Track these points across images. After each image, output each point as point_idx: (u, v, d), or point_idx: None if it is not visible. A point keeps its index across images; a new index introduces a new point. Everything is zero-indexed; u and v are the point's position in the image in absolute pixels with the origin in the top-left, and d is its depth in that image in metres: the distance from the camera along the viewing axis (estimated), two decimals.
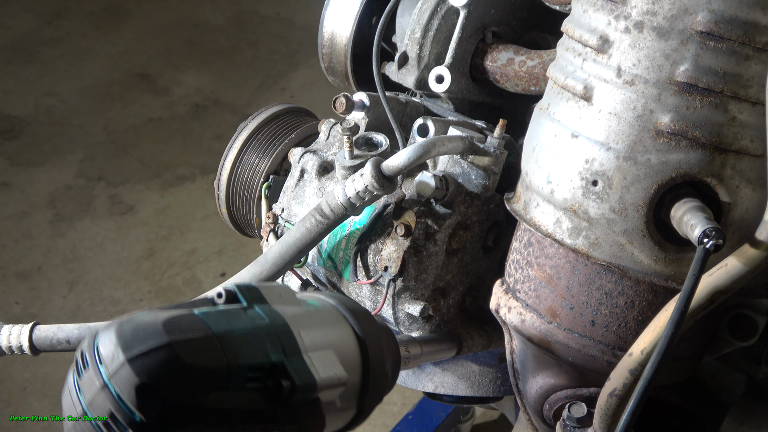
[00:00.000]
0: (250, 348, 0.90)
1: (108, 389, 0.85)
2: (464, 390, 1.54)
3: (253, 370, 0.89)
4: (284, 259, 1.32)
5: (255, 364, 0.89)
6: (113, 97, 4.16)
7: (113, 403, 0.85)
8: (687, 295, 0.99)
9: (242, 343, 0.90)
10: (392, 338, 1.10)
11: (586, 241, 1.13)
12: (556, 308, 1.19)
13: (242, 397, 0.88)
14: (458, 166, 1.34)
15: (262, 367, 0.90)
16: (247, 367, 0.88)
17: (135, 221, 3.48)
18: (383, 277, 1.33)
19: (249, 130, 1.57)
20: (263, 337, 0.92)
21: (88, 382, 0.87)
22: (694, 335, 1.19)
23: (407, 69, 1.48)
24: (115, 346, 0.86)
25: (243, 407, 0.88)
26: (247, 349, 0.90)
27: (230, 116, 4.00)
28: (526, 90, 1.44)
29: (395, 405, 2.81)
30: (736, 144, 1.07)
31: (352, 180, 1.28)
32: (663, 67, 1.07)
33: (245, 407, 0.88)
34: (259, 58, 4.44)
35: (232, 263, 3.25)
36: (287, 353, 0.92)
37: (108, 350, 0.86)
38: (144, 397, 0.84)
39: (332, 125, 1.50)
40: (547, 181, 1.16)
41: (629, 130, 1.09)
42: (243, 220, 1.61)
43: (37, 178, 3.68)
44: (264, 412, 0.90)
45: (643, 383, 0.99)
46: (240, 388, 0.88)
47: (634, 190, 1.09)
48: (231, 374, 0.87)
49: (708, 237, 0.99)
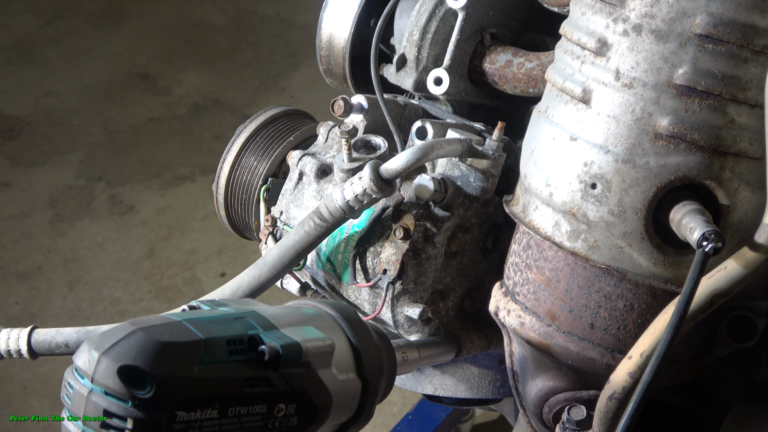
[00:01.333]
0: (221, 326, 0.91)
1: (94, 392, 0.86)
2: (463, 392, 1.54)
3: (231, 343, 0.89)
4: (283, 262, 1.32)
5: (231, 337, 0.90)
6: (113, 97, 4.15)
7: (104, 401, 0.85)
8: (686, 298, 0.99)
9: (212, 323, 0.91)
10: (386, 341, 1.09)
11: (585, 244, 1.13)
12: (555, 311, 1.19)
13: (230, 368, 0.88)
14: (457, 169, 1.34)
15: (241, 340, 0.90)
16: (225, 340, 0.89)
17: (135, 221, 3.48)
18: (382, 280, 1.33)
19: (247, 132, 1.57)
20: (233, 321, 0.93)
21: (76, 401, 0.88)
22: (693, 337, 1.19)
23: (405, 71, 1.48)
24: (88, 352, 0.87)
25: (233, 375, 0.88)
26: (219, 326, 0.91)
27: (230, 116, 4.00)
28: (525, 92, 1.44)
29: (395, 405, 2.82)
30: (735, 147, 1.07)
31: (350, 183, 1.28)
32: (661, 70, 1.07)
33: (236, 375, 0.88)
34: (259, 58, 4.44)
35: (232, 263, 3.25)
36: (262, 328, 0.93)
37: (83, 359, 0.87)
38: (128, 379, 0.84)
39: (331, 128, 1.49)
40: (545, 184, 1.16)
41: (628, 133, 1.09)
42: (242, 223, 1.61)
43: (37, 178, 3.67)
44: (257, 378, 0.90)
45: (643, 386, 0.99)
46: (224, 361, 0.88)
47: (633, 193, 1.09)
48: (208, 347, 0.87)
49: (707, 240, 0.99)
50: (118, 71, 4.33)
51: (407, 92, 1.54)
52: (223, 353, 0.88)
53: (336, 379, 0.97)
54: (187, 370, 0.85)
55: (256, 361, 0.90)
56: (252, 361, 0.90)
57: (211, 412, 0.87)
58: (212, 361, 0.87)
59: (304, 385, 0.93)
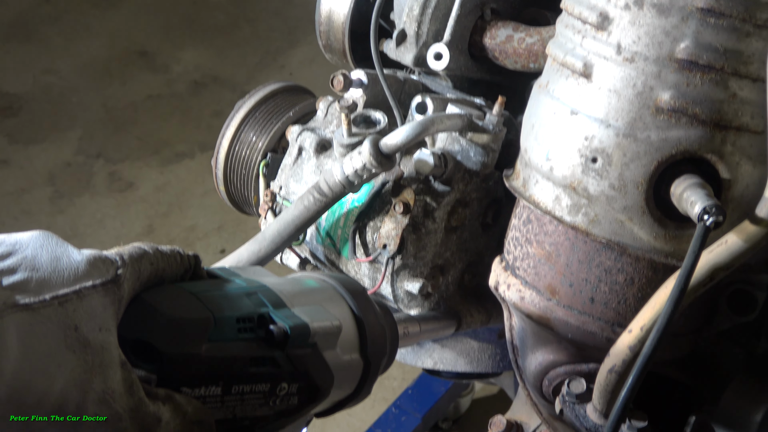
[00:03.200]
0: (232, 302, 0.89)
1: None
2: (463, 366, 1.54)
3: (240, 320, 0.87)
4: (282, 237, 1.32)
5: (241, 315, 0.88)
6: (112, 75, 4.14)
7: None
8: (687, 272, 0.99)
9: (223, 299, 0.89)
10: (390, 316, 1.10)
11: (585, 218, 1.13)
12: (556, 285, 1.19)
13: (237, 346, 0.86)
14: (457, 144, 1.33)
15: (250, 318, 0.88)
16: (234, 318, 0.87)
17: (134, 198, 3.48)
18: (382, 255, 1.33)
19: (246, 107, 1.56)
20: (244, 295, 0.91)
21: None
22: (693, 311, 1.19)
23: (405, 46, 1.47)
24: None
25: (240, 354, 0.87)
26: (229, 303, 0.89)
27: (229, 93, 3.99)
28: (525, 67, 1.44)
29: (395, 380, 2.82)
30: (737, 121, 1.06)
31: (350, 158, 1.28)
32: (663, 44, 1.06)
33: (243, 354, 0.87)
34: (258, 35, 4.42)
35: (232, 239, 3.25)
36: (272, 306, 0.91)
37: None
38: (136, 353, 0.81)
39: (330, 103, 1.49)
40: (546, 158, 1.16)
41: (629, 107, 1.09)
42: (241, 198, 1.60)
43: (36, 155, 3.67)
44: (264, 358, 0.88)
45: (643, 360, 0.99)
46: (233, 338, 0.86)
47: (634, 167, 1.09)
48: (218, 325, 0.85)
49: (708, 214, 0.99)
50: (117, 48, 4.31)
51: (407, 67, 1.54)
52: (232, 331, 0.87)
53: (339, 360, 0.97)
54: (196, 348, 0.83)
55: (264, 339, 0.89)
56: (260, 339, 0.89)
57: (215, 389, 0.85)
58: (221, 338, 0.85)
59: (308, 366, 0.92)
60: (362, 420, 2.73)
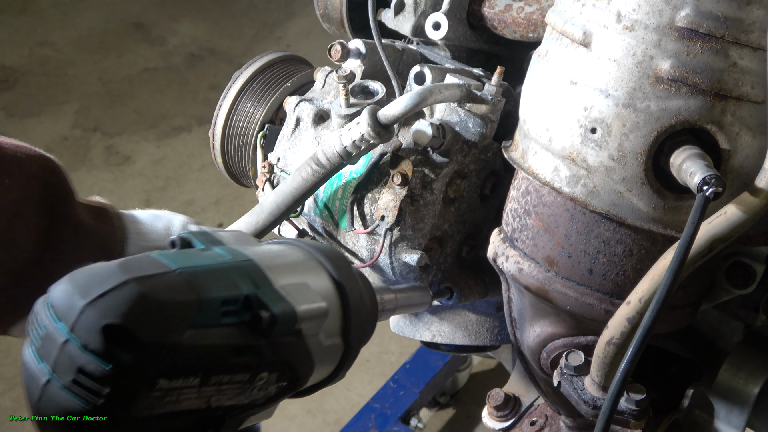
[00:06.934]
0: (217, 281, 0.84)
1: (71, 343, 0.77)
2: (461, 339, 1.54)
3: (226, 303, 0.83)
4: (280, 208, 1.31)
5: (227, 297, 0.83)
6: (108, 47, 4.12)
7: (81, 356, 0.76)
8: (686, 243, 0.98)
9: (208, 277, 0.83)
10: (371, 291, 1.07)
11: (584, 189, 1.13)
12: (554, 257, 1.18)
13: (220, 333, 0.82)
14: (455, 115, 1.32)
15: (236, 300, 0.84)
16: (219, 300, 0.82)
17: (131, 172, 3.47)
18: (380, 227, 1.33)
19: (244, 78, 1.55)
20: (229, 271, 0.86)
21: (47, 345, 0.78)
22: (691, 283, 1.19)
23: (404, 16, 1.46)
24: (71, 295, 0.78)
25: (223, 343, 0.82)
26: (215, 281, 0.83)
27: (226, 66, 3.97)
28: (524, 37, 1.43)
29: (393, 354, 2.83)
30: (737, 90, 1.05)
31: (348, 129, 1.27)
32: (663, 12, 1.05)
33: (225, 343, 0.82)
34: (254, 6, 4.40)
35: (230, 213, 3.24)
36: (258, 285, 0.87)
37: (63, 302, 0.78)
38: (113, 340, 0.76)
39: (328, 73, 1.48)
40: (545, 129, 1.15)
41: (629, 76, 1.08)
42: (238, 170, 1.60)
43: (33, 129, 3.66)
44: (247, 347, 0.84)
45: (641, 332, 0.98)
46: (216, 323, 0.82)
47: (633, 138, 1.08)
48: (203, 308, 0.80)
49: (707, 184, 0.98)
50: (113, 21, 4.29)
51: (405, 37, 1.53)
52: (216, 315, 0.82)
53: (321, 345, 0.93)
54: (178, 336, 0.78)
55: (248, 325, 0.84)
56: (244, 324, 0.84)
57: (193, 380, 0.81)
58: (204, 323, 0.81)
59: (291, 355, 0.89)
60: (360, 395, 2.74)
